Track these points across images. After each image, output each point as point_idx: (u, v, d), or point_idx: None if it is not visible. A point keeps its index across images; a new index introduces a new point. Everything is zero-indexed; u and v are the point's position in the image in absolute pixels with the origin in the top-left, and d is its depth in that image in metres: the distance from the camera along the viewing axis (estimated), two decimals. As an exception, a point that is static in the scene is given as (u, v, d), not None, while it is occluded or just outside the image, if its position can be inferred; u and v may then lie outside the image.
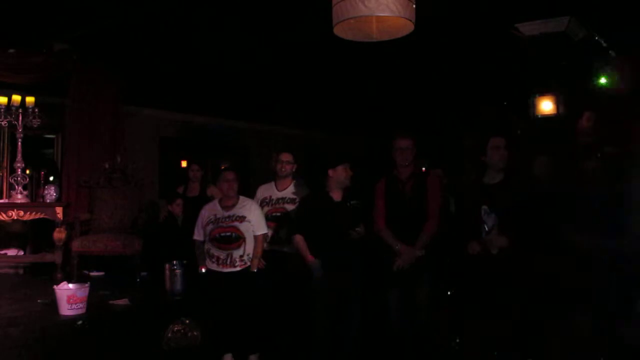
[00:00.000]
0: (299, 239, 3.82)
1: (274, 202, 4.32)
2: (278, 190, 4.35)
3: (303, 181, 4.39)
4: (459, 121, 8.50)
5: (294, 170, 4.39)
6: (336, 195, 3.88)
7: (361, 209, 3.92)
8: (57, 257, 5.89)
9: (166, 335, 4.17)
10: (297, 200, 4.25)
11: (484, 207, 3.51)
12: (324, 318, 3.74)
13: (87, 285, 4.43)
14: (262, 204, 4.30)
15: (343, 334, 3.78)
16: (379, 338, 3.98)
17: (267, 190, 4.39)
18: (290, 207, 4.26)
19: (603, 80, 6.15)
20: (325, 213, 3.81)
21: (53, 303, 4.35)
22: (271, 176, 4.49)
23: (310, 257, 3.75)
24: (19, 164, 6.05)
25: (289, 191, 4.32)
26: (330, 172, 3.86)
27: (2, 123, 5.93)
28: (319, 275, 3.72)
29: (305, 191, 4.25)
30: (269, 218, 4.21)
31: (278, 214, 4.27)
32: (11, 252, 6.62)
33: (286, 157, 4.35)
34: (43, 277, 5.87)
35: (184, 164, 9.34)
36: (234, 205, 3.95)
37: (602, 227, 3.24)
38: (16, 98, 5.96)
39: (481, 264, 3.56)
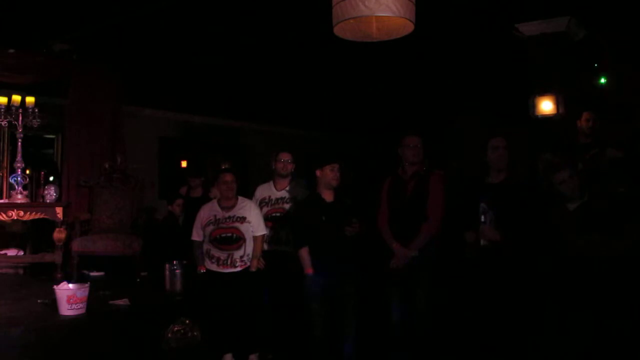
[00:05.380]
0: (304, 252, 3.78)
1: (273, 202, 4.31)
2: (277, 190, 4.34)
3: (303, 182, 4.39)
4: (458, 121, 8.51)
5: (293, 169, 4.39)
6: (328, 196, 3.86)
7: (354, 206, 3.91)
8: (57, 257, 5.89)
9: (166, 335, 4.17)
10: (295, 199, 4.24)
11: (482, 204, 3.52)
12: (319, 321, 3.74)
13: (87, 285, 4.43)
14: (261, 204, 4.29)
15: (341, 335, 3.78)
16: (379, 338, 3.98)
17: (265, 191, 4.38)
18: (289, 207, 4.25)
19: (603, 80, 6.16)
20: (319, 215, 3.81)
21: (53, 303, 4.35)
22: (270, 176, 4.48)
23: (308, 270, 3.75)
24: (19, 164, 6.05)
25: (288, 191, 4.32)
26: (317, 172, 3.85)
27: (2, 123, 5.93)
28: (309, 287, 3.74)
29: (301, 191, 4.24)
30: (268, 218, 4.20)
31: (277, 214, 4.26)
32: (11, 252, 6.62)
33: (286, 156, 4.34)
34: (43, 277, 5.86)
35: (184, 164, 9.35)
36: (233, 206, 3.95)
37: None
38: (16, 98, 5.96)
39: (474, 262, 3.59)
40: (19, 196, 6.05)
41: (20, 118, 5.98)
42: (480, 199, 3.57)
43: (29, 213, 5.96)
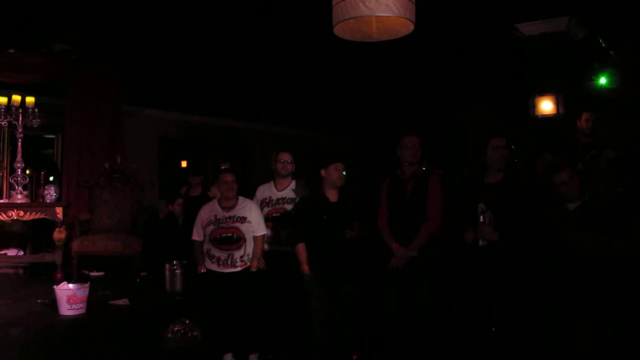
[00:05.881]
0: (301, 248, 3.82)
1: (274, 202, 4.30)
2: (278, 191, 4.33)
3: (304, 182, 4.39)
4: (459, 121, 8.51)
5: (293, 169, 4.39)
6: (332, 196, 3.88)
7: (357, 209, 3.92)
8: (57, 257, 5.89)
9: (166, 335, 4.16)
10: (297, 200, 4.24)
11: (481, 204, 3.53)
12: (319, 320, 3.74)
13: (87, 285, 4.42)
14: (262, 204, 4.29)
15: (341, 335, 3.78)
16: (379, 338, 3.98)
17: (266, 191, 4.38)
18: (290, 207, 4.24)
19: (603, 80, 6.17)
20: (321, 214, 3.81)
21: (53, 303, 4.34)
22: (270, 176, 4.48)
23: (305, 267, 3.76)
24: (19, 164, 6.05)
25: (289, 191, 4.31)
26: (322, 172, 3.87)
27: (2, 123, 5.93)
28: (308, 287, 3.75)
29: (305, 191, 4.24)
30: (269, 219, 4.20)
31: (278, 214, 4.26)
32: (11, 252, 6.62)
33: (286, 156, 4.34)
34: (43, 277, 5.86)
35: (184, 164, 9.36)
36: (234, 206, 3.95)
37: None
38: (16, 98, 5.96)
39: (473, 262, 3.61)
40: (19, 196, 6.05)
41: (20, 118, 5.97)
42: (478, 199, 3.58)
43: (29, 213, 5.95)
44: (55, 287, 4.35)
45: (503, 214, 3.49)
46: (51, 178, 7.35)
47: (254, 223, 3.95)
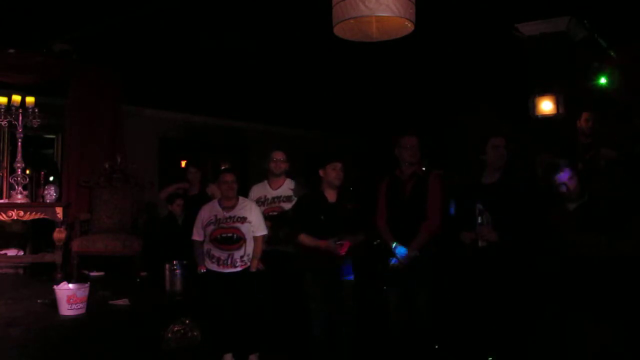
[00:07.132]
0: (303, 237, 3.79)
1: (269, 201, 4.30)
2: (272, 189, 4.34)
3: (302, 181, 4.39)
4: (459, 121, 8.51)
5: (287, 168, 4.39)
6: (331, 196, 3.87)
7: (356, 210, 3.90)
8: (57, 257, 5.90)
9: (166, 335, 4.17)
10: (294, 198, 4.23)
11: (479, 205, 3.53)
12: (318, 320, 3.74)
13: (87, 285, 4.44)
14: (257, 203, 4.27)
15: (341, 334, 3.78)
16: (379, 338, 3.99)
17: (260, 190, 4.38)
18: (286, 205, 4.24)
19: (603, 80, 6.17)
20: (318, 214, 3.81)
21: (53, 303, 4.35)
22: (264, 175, 4.48)
23: (323, 242, 3.69)
24: (19, 164, 6.06)
25: (284, 189, 4.31)
26: (320, 172, 3.87)
27: (2, 123, 5.94)
28: (308, 287, 3.72)
29: (303, 191, 4.24)
30: (265, 217, 4.20)
31: (275, 212, 4.26)
32: (11, 252, 6.63)
33: (279, 155, 4.34)
34: (43, 277, 5.87)
35: (183, 164, 9.36)
36: (234, 206, 3.95)
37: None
38: (16, 98, 5.97)
39: (473, 263, 3.61)
40: (19, 196, 6.06)
41: (20, 118, 5.99)
42: (476, 200, 3.58)
43: (29, 213, 5.96)
44: (55, 287, 4.37)
45: (502, 214, 3.49)
46: (51, 178, 7.35)
47: (254, 223, 3.95)
